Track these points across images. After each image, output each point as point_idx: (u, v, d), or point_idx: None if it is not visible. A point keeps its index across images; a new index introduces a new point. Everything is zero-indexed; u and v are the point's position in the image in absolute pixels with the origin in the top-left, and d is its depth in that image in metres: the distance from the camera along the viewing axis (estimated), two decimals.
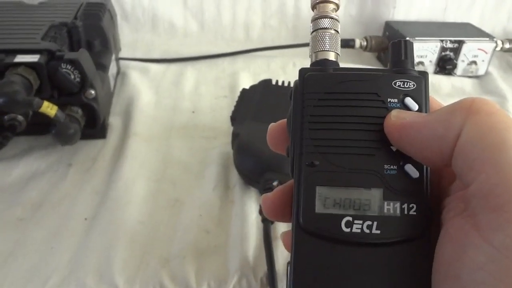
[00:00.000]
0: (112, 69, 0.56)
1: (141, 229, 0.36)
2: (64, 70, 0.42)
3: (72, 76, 0.43)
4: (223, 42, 0.72)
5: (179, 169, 0.43)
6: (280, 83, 0.47)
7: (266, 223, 0.35)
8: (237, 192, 0.40)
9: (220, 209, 0.39)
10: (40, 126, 0.43)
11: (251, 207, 0.38)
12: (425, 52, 0.65)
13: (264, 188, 0.37)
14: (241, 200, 0.39)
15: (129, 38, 0.70)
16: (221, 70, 0.63)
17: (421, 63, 0.66)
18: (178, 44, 0.70)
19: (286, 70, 0.64)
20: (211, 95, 0.57)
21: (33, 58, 0.41)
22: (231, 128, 0.46)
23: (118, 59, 0.61)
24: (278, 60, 0.66)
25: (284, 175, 0.37)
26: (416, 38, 0.64)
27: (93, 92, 0.44)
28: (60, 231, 0.36)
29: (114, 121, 0.50)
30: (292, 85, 0.48)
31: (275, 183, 0.37)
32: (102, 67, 0.51)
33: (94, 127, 0.46)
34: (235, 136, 0.41)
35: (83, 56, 0.43)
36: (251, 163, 0.39)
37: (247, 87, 0.49)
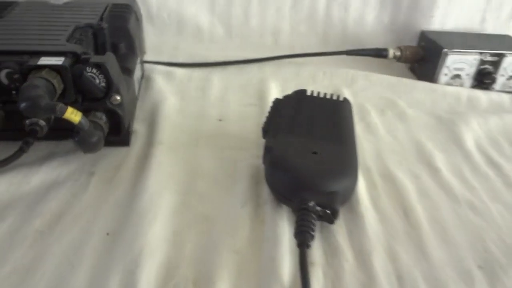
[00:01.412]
0: (137, 73, 0.53)
1: (167, 248, 0.34)
2: (89, 74, 0.40)
3: (98, 81, 0.40)
4: (251, 47, 0.69)
5: (207, 182, 0.41)
6: (315, 94, 0.44)
7: (303, 248, 0.32)
8: (268, 210, 0.38)
9: (250, 229, 0.36)
10: (61, 131, 0.40)
11: (283, 227, 0.36)
12: (463, 65, 0.62)
13: (299, 208, 0.34)
14: (273, 220, 0.36)
15: (154, 41, 0.68)
16: (249, 77, 0.61)
17: (458, 76, 0.63)
18: (204, 49, 0.68)
19: (316, 79, 0.62)
20: (239, 103, 0.55)
21: (58, 60, 0.39)
22: (260, 139, 0.43)
23: (143, 63, 0.59)
24: (308, 68, 0.63)
25: (322, 195, 0.35)
26: (454, 50, 0.61)
27: (118, 97, 0.42)
28: (81, 246, 0.33)
29: (139, 128, 0.48)
30: (329, 96, 0.46)
31: (311, 204, 0.34)
32: (128, 71, 0.49)
33: (118, 134, 0.44)
34: (268, 150, 0.39)
35: (110, 60, 0.41)
36: (285, 180, 0.36)
37: (277, 95, 0.47)
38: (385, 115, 0.56)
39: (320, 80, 0.62)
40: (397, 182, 0.43)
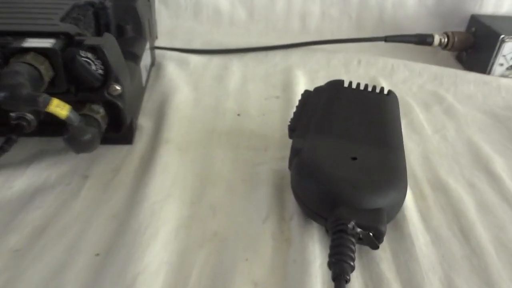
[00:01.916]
0: (146, 60, 0.47)
1: (167, 273, 0.27)
2: (83, 59, 0.33)
3: (94, 67, 0.34)
4: (275, 33, 0.62)
5: (220, 189, 0.34)
6: (354, 85, 0.37)
7: (339, 283, 0.25)
8: (295, 227, 0.31)
9: (272, 251, 0.29)
10: (55, 126, 0.34)
11: (314, 250, 0.29)
12: None
13: (334, 229, 0.27)
14: (301, 240, 0.30)
15: (168, 25, 0.62)
16: (272, 65, 0.54)
17: None
18: (223, 34, 0.61)
19: (349, 68, 0.54)
20: (260, 95, 0.48)
21: (46, 43, 0.33)
22: (285, 138, 0.36)
23: (153, 48, 0.53)
24: (340, 56, 0.55)
25: (364, 213, 0.27)
26: None
27: (118, 87, 0.35)
28: (63, 270, 0.27)
29: (145, 123, 0.41)
30: (370, 88, 0.38)
31: (350, 225, 0.27)
32: (134, 57, 0.43)
33: (119, 130, 0.37)
34: (295, 152, 0.31)
35: (108, 42, 0.35)
36: (316, 192, 0.29)
37: (304, 87, 0.39)
38: (431, 111, 0.48)
39: (353, 70, 0.54)
40: (451, 192, 0.36)
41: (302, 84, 0.49)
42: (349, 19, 0.63)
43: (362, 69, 0.54)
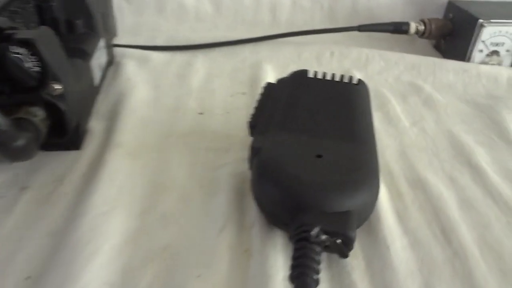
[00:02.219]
0: (100, 58, 0.43)
1: None
2: (14, 55, 0.30)
3: (28, 64, 0.30)
4: (244, 26, 0.59)
5: (174, 198, 0.30)
6: (320, 75, 0.34)
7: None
8: (256, 236, 0.27)
9: (229, 265, 0.26)
10: None
11: (276, 262, 0.25)
12: (502, 39, 0.51)
13: (296, 238, 0.24)
14: (262, 250, 0.26)
15: (131, 22, 0.58)
16: (240, 60, 0.50)
17: (496, 53, 0.51)
18: (188, 29, 0.57)
19: (321, 61, 0.51)
20: (226, 92, 0.44)
21: None
22: (248, 137, 0.33)
23: (111, 46, 0.49)
24: (312, 48, 0.52)
25: (330, 218, 0.24)
26: (492, 21, 0.50)
27: (58, 87, 0.31)
28: None
29: (96, 126, 0.38)
30: (338, 77, 0.35)
31: (314, 232, 0.23)
32: (82, 54, 0.39)
33: (63, 135, 0.33)
34: (255, 151, 0.28)
35: (44, 35, 0.31)
36: (277, 195, 0.26)
37: (273, 81, 0.36)
38: (408, 102, 0.45)
39: (326, 62, 0.51)
40: (430, 189, 0.33)
41: (271, 79, 0.46)
42: (321, 9, 0.60)
43: (335, 61, 0.51)
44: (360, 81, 0.33)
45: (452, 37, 0.54)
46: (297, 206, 0.25)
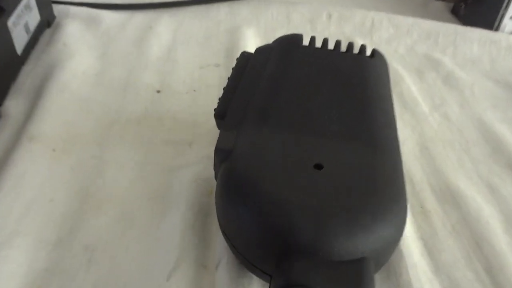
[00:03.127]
0: (26, 17, 0.33)
1: None
2: None
3: None
4: None
5: (109, 217, 0.21)
6: (318, 43, 0.24)
7: None
8: (222, 282, 0.18)
9: None
10: None
11: None
12: None
13: None
14: None
15: None
16: (214, 23, 0.40)
17: None
18: None
19: (316, 25, 0.41)
20: (194, 64, 0.34)
21: None
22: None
23: (48, 3, 0.38)
24: (304, 8, 0.42)
25: (332, 268, 0.15)
26: None
27: None
28: None
29: (14, 109, 0.28)
30: (344, 47, 0.24)
31: None
32: None
33: None
34: (221, 156, 0.19)
35: None
36: (254, 228, 0.17)
37: (252, 51, 0.26)
38: (425, 80, 0.35)
39: (322, 27, 0.41)
40: (465, 203, 0.24)
41: (253, 47, 0.36)
42: None
43: (333, 25, 0.41)
44: (375, 52, 0.23)
45: (475, 0, 0.44)
46: (283, 249, 0.16)
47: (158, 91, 0.31)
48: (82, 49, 0.34)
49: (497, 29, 0.42)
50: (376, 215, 0.17)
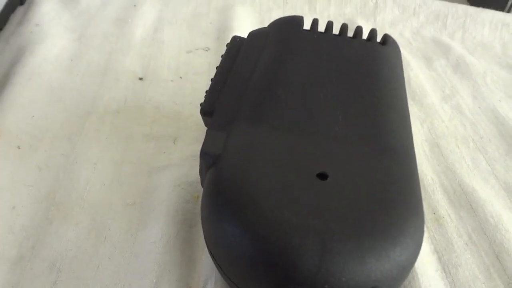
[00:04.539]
0: None
1: None
2: None
3: None
4: None
5: (79, 227, 0.18)
6: (321, 27, 0.21)
7: None
8: None
9: None
10: None
11: None
12: None
13: None
14: None
15: None
16: (204, 1, 0.37)
17: None
18: None
19: (315, 5, 0.38)
20: (181, 47, 0.31)
21: None
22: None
23: None
24: None
25: None
26: None
27: None
28: None
29: None
30: (351, 32, 0.21)
31: None
32: None
33: None
34: (208, 161, 0.16)
35: None
36: (246, 249, 0.14)
37: (245, 34, 0.23)
38: (434, 67, 0.33)
39: (321, 7, 0.38)
40: (482, 209, 0.21)
41: (246, 29, 0.33)
42: None
43: (333, 6, 0.38)
44: (387, 38, 0.20)
45: None
46: (282, 281, 0.13)
47: (141, 78, 0.28)
48: (57, 30, 0.31)
49: (509, 10, 0.39)
50: (391, 238, 0.14)
